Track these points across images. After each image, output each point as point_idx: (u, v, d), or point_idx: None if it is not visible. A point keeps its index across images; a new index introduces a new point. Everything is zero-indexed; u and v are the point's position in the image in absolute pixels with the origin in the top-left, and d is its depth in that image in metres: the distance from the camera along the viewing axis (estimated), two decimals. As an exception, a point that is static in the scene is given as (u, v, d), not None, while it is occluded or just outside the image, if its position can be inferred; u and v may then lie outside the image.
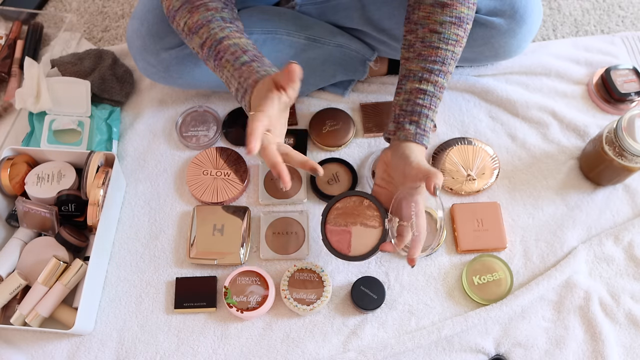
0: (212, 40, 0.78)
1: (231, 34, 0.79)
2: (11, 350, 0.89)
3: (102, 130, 1.05)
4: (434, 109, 0.82)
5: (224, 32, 0.78)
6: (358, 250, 0.85)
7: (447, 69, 0.82)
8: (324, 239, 0.87)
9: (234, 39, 0.78)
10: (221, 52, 0.78)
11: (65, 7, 1.30)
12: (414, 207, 0.79)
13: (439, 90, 0.82)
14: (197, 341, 0.90)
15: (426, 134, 0.82)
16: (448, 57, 0.81)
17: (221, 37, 0.78)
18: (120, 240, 0.98)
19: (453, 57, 0.82)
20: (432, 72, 0.81)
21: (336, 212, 0.88)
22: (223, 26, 0.79)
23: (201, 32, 0.79)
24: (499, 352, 0.88)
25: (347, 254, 0.85)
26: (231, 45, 0.78)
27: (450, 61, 0.82)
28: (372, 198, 0.87)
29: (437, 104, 0.82)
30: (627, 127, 0.87)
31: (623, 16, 1.22)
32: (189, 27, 0.80)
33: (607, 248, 0.95)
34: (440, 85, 0.82)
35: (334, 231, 0.87)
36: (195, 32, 0.79)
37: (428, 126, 0.82)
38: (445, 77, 0.82)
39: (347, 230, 0.86)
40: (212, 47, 0.78)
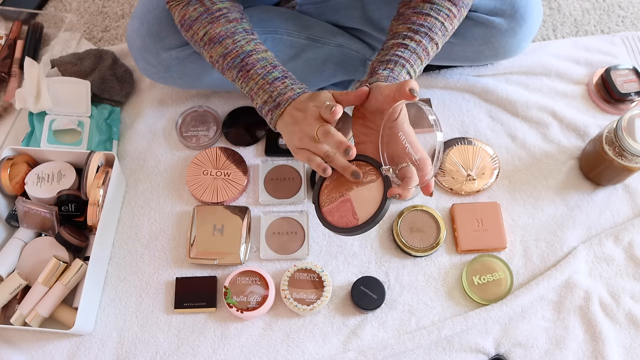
0: (239, 52, 0.80)
1: (257, 47, 0.81)
2: (11, 350, 0.89)
3: (102, 130, 1.05)
4: (413, 64, 0.78)
5: (250, 46, 0.80)
6: (366, 212, 0.73)
7: (434, 36, 0.79)
8: (324, 223, 0.76)
9: (262, 53, 0.80)
10: (249, 64, 0.79)
11: (65, 7, 1.30)
12: (404, 139, 0.73)
13: (422, 52, 0.79)
14: (197, 341, 0.90)
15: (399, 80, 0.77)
16: (436, 26, 0.79)
17: (249, 51, 0.80)
18: (120, 240, 0.98)
19: (442, 30, 0.79)
20: (418, 32, 0.78)
21: (327, 191, 0.77)
22: (248, 39, 0.81)
23: (226, 42, 0.80)
24: (499, 352, 0.88)
25: (356, 224, 0.73)
26: (260, 59, 0.80)
27: (438, 32, 0.79)
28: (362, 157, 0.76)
29: (416, 62, 0.78)
30: (627, 127, 0.87)
31: (623, 16, 1.22)
32: (210, 38, 0.81)
33: (607, 248, 0.95)
34: (423, 47, 0.78)
35: (332, 209, 0.75)
36: (219, 42, 0.80)
37: (402, 76, 0.77)
38: (430, 42, 0.79)
39: (346, 199, 0.75)
40: (239, 58, 0.79)
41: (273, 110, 0.78)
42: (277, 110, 0.78)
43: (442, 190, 1.01)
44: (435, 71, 1.11)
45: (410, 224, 0.96)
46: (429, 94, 1.10)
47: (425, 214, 0.97)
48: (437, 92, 1.10)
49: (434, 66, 1.11)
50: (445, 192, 1.01)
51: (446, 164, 1.02)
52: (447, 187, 1.00)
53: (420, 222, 0.96)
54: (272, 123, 0.79)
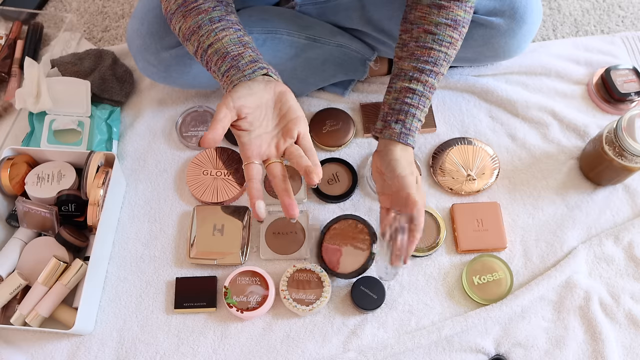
0: (201, 50, 0.77)
1: (216, 37, 0.76)
2: (11, 350, 0.89)
3: (102, 130, 1.05)
4: (422, 108, 0.83)
5: (210, 39, 0.76)
6: (345, 268, 0.93)
7: (438, 70, 0.82)
8: (317, 254, 0.95)
9: (217, 44, 0.75)
10: (209, 62, 0.77)
11: (65, 7, 1.30)
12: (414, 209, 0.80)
13: (429, 90, 0.82)
14: (197, 341, 0.90)
15: (411, 134, 0.82)
16: (441, 58, 0.82)
17: (207, 45, 0.76)
18: (120, 240, 0.98)
19: (446, 59, 0.82)
20: (423, 71, 0.81)
21: (333, 232, 0.96)
22: (210, 29, 0.76)
23: (192, 39, 0.77)
24: (499, 352, 0.88)
25: (334, 271, 0.93)
26: (214, 52, 0.75)
27: (443, 62, 0.82)
28: (365, 222, 0.95)
29: (425, 104, 0.83)
30: (627, 127, 0.87)
31: (623, 16, 1.22)
32: (183, 33, 0.79)
33: (607, 248, 0.95)
34: (430, 85, 0.82)
35: (327, 249, 0.95)
36: (188, 39, 0.78)
37: (415, 126, 0.82)
38: (436, 77, 0.82)
39: (339, 249, 0.94)
40: (202, 56, 0.77)
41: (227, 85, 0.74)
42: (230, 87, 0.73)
43: (442, 190, 1.01)
44: (435, 71, 1.11)
45: (410, 224, 0.96)
46: (429, 94, 1.10)
47: (425, 214, 0.97)
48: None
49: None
50: (445, 192, 1.01)
51: (446, 164, 1.02)
52: (447, 187, 1.00)
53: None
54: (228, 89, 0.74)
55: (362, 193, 1.01)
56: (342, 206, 1.00)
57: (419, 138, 1.06)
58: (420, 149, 1.04)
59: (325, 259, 0.94)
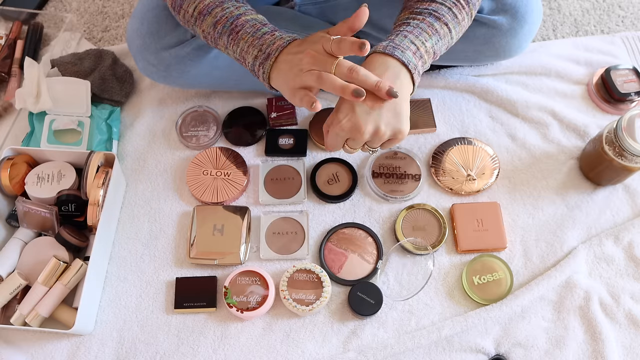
0: (228, 17, 0.76)
1: (247, 11, 0.78)
2: (11, 350, 0.89)
3: (102, 130, 1.05)
4: (418, 36, 0.74)
5: (240, 10, 0.77)
6: (346, 275, 0.93)
7: (440, 16, 0.75)
8: (320, 252, 0.95)
9: (252, 15, 0.77)
10: (239, 26, 0.76)
11: (65, 7, 1.30)
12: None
13: (429, 27, 0.75)
14: (197, 341, 0.90)
15: (400, 47, 0.73)
16: (443, 9, 0.75)
17: (238, 14, 0.77)
18: (120, 240, 0.98)
19: (450, 14, 0.76)
20: (421, 13, 0.75)
21: (341, 235, 0.96)
22: (238, 5, 0.78)
23: (215, 12, 0.77)
24: (499, 352, 0.88)
25: (334, 274, 0.93)
26: (249, 20, 0.76)
27: (446, 14, 0.75)
28: (376, 237, 0.95)
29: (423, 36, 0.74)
30: (627, 127, 0.87)
31: (623, 16, 1.22)
32: (200, 11, 0.78)
33: (607, 248, 0.95)
34: (428, 23, 0.75)
35: (332, 250, 0.95)
36: (208, 12, 0.77)
37: (405, 44, 0.73)
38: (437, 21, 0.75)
39: (345, 255, 0.95)
40: (228, 22, 0.76)
41: (264, 63, 0.74)
42: (268, 61, 0.74)
43: (442, 190, 1.01)
44: (435, 71, 1.11)
45: (412, 222, 0.96)
46: (429, 94, 1.10)
47: (427, 212, 0.97)
48: (437, 92, 1.10)
49: (434, 66, 1.11)
50: (445, 192, 1.01)
51: (446, 164, 1.02)
52: (447, 187, 1.00)
53: (423, 221, 0.97)
54: (265, 76, 0.75)
55: (362, 193, 1.01)
56: (342, 206, 1.00)
57: (419, 138, 1.06)
58: (420, 149, 1.04)
59: (327, 259, 0.94)
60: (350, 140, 0.75)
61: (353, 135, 0.73)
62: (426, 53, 0.75)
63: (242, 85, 1.06)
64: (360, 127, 0.71)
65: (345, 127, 0.72)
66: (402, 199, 0.99)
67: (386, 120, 0.72)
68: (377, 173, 1.01)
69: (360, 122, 0.71)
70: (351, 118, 0.72)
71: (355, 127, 0.72)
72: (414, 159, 1.02)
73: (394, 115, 0.73)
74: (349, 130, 0.72)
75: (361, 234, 0.96)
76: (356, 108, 0.71)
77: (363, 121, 0.71)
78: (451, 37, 0.78)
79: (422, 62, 0.75)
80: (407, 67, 0.73)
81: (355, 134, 0.72)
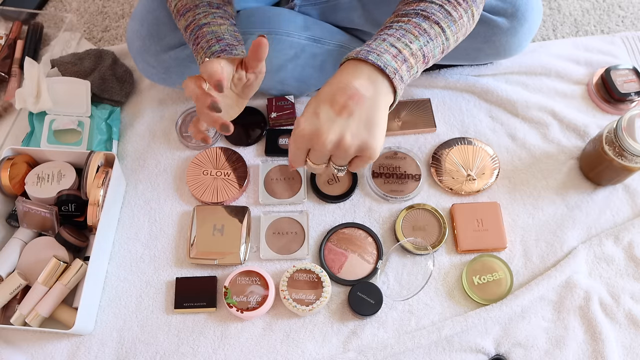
0: (195, 25, 0.77)
1: (214, 20, 0.78)
2: (11, 350, 0.89)
3: (102, 130, 1.05)
4: (401, 38, 0.65)
5: (207, 19, 0.78)
6: (346, 274, 0.93)
7: (429, 15, 0.67)
8: (320, 252, 0.94)
9: (214, 26, 0.77)
10: (199, 37, 0.76)
11: (65, 7, 1.30)
12: None
13: (415, 28, 0.66)
14: (197, 341, 0.90)
15: (376, 51, 0.64)
16: (433, 8, 0.67)
17: (203, 23, 0.77)
18: (120, 240, 0.98)
19: (442, 12, 0.68)
20: (407, 14, 0.68)
21: (341, 235, 0.96)
22: (208, 12, 0.78)
23: (187, 15, 0.78)
24: (499, 352, 0.88)
25: (334, 274, 0.93)
26: (208, 32, 0.76)
27: (437, 12, 0.67)
28: (376, 237, 0.95)
29: (407, 37, 0.66)
30: (627, 127, 0.87)
31: (623, 16, 1.22)
32: (178, 9, 0.79)
33: (607, 248, 0.95)
34: (415, 24, 0.66)
35: (332, 249, 0.95)
36: (183, 14, 0.79)
37: (382, 47, 0.64)
38: (426, 21, 0.67)
39: (345, 255, 0.94)
40: (194, 31, 0.77)
41: None
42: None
43: (442, 190, 1.01)
44: (435, 71, 1.11)
45: (412, 222, 0.96)
46: (429, 94, 1.10)
47: (427, 212, 0.97)
48: (437, 92, 1.10)
49: (433, 65, 1.11)
50: (445, 192, 1.01)
51: (446, 164, 1.02)
52: (447, 187, 1.00)
53: (423, 221, 0.97)
54: None
55: (362, 193, 1.01)
56: (341, 206, 1.00)
57: (419, 138, 1.06)
58: (420, 149, 1.04)
59: (327, 259, 0.94)
60: (312, 151, 0.65)
61: (313, 144, 0.63)
62: (412, 56, 0.66)
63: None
64: (322, 133, 0.61)
65: (305, 131, 0.63)
66: (402, 199, 0.99)
67: (354, 130, 0.62)
68: (377, 173, 1.01)
69: (322, 129, 0.61)
70: (313, 123, 0.62)
71: (316, 132, 0.62)
72: (414, 159, 1.02)
73: (365, 126, 0.62)
74: (309, 136, 0.63)
75: (361, 234, 0.96)
76: (320, 112, 0.62)
77: (325, 127, 0.61)
78: (446, 37, 0.70)
79: (407, 66, 0.66)
80: (384, 71, 0.63)
81: (316, 142, 0.63)
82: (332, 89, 0.62)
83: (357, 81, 0.62)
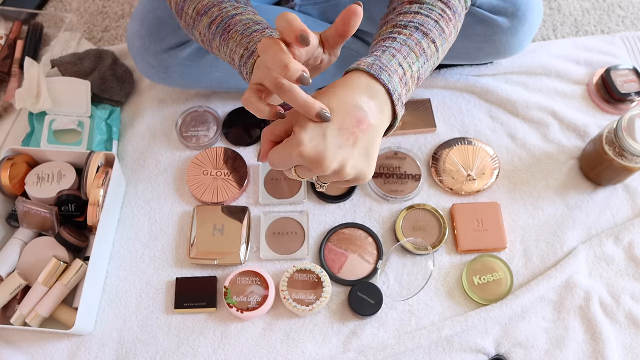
0: (223, 17, 0.69)
1: (245, 11, 0.71)
2: (11, 350, 0.89)
3: (102, 130, 1.05)
4: (407, 56, 0.63)
5: (238, 10, 0.71)
6: (346, 274, 0.93)
7: (427, 32, 0.65)
8: (320, 252, 0.95)
9: (248, 15, 0.70)
10: (231, 25, 0.69)
11: (65, 7, 1.30)
12: None
13: (416, 46, 0.63)
14: (197, 341, 0.90)
15: (388, 69, 0.60)
16: (429, 23, 0.65)
17: (234, 14, 0.70)
18: (120, 240, 0.98)
19: (437, 29, 0.66)
20: (406, 27, 0.65)
21: (341, 235, 0.96)
22: (236, 5, 0.72)
23: (211, 11, 0.71)
24: (499, 352, 0.88)
25: (333, 274, 0.93)
26: (244, 19, 0.69)
27: (433, 29, 0.65)
28: (376, 237, 0.95)
29: (411, 57, 0.63)
30: (627, 127, 0.87)
31: (623, 16, 1.22)
32: (198, 11, 0.71)
33: (607, 248, 0.95)
34: (416, 41, 0.64)
35: (332, 250, 0.95)
36: (205, 12, 0.71)
37: (392, 65, 0.61)
38: (425, 38, 0.64)
39: (345, 255, 0.95)
40: (222, 22, 0.69)
41: (247, 61, 0.65)
42: (251, 59, 0.64)
43: (442, 190, 1.01)
44: (435, 71, 1.11)
45: (412, 222, 0.96)
46: (429, 94, 1.10)
47: (427, 212, 0.97)
48: (437, 92, 1.10)
49: (434, 66, 1.11)
50: (445, 192, 1.01)
51: (446, 164, 1.02)
52: (447, 187, 1.00)
53: (423, 221, 0.97)
54: (247, 76, 0.66)
55: (362, 193, 1.01)
56: (342, 206, 1.00)
57: (419, 138, 1.06)
58: (420, 149, 1.04)
59: (327, 259, 0.94)
60: (303, 168, 0.59)
61: (312, 167, 0.57)
62: (411, 78, 0.64)
63: (242, 85, 1.06)
64: (325, 160, 0.56)
65: (306, 154, 0.55)
66: (402, 199, 0.99)
67: (355, 161, 0.58)
68: (377, 173, 1.01)
69: (326, 155, 0.55)
70: (317, 145, 0.55)
71: (319, 159, 0.56)
72: (414, 159, 1.02)
73: (365, 158, 0.59)
74: (310, 160, 0.56)
75: (361, 234, 0.96)
76: (327, 135, 0.56)
77: (331, 154, 0.56)
78: (437, 58, 0.67)
79: (405, 90, 0.63)
80: (391, 96, 0.60)
81: (316, 166, 0.56)
82: (342, 110, 0.57)
83: (367, 104, 0.58)
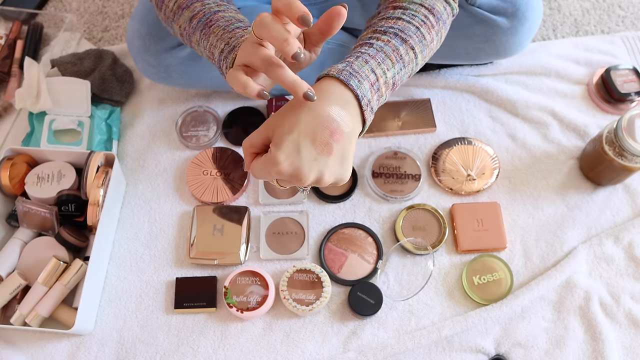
0: (205, 12, 0.69)
1: (228, 9, 0.71)
2: (11, 350, 0.89)
3: (102, 130, 1.05)
4: (381, 63, 0.62)
5: (220, 7, 0.70)
6: (346, 274, 0.93)
7: (407, 38, 0.64)
8: (320, 252, 0.95)
9: (230, 13, 0.70)
10: (213, 20, 0.68)
11: (65, 7, 1.30)
12: None
13: (393, 53, 0.63)
14: (197, 341, 0.90)
15: (358, 75, 0.60)
16: (410, 29, 0.65)
17: (217, 10, 0.69)
18: (120, 240, 0.98)
19: (418, 35, 0.65)
20: (385, 33, 0.64)
21: (341, 235, 0.96)
22: (219, 3, 0.72)
23: (194, 6, 0.70)
24: (499, 352, 0.88)
25: (334, 274, 0.93)
26: (226, 16, 0.69)
27: (413, 35, 0.65)
28: (376, 237, 0.95)
29: (386, 63, 0.63)
30: (627, 127, 0.87)
31: (623, 16, 1.22)
32: (179, 5, 0.71)
33: (607, 248, 0.95)
34: (393, 47, 0.63)
35: (332, 249, 0.95)
36: (187, 6, 0.70)
37: (364, 72, 0.61)
38: (403, 44, 0.64)
39: (345, 255, 0.95)
40: (204, 17, 0.69)
41: (227, 56, 0.65)
42: (232, 54, 0.64)
43: (442, 190, 1.01)
44: (435, 71, 1.11)
45: (412, 222, 0.96)
46: (429, 94, 1.10)
47: (427, 212, 0.97)
48: (437, 92, 1.10)
49: (434, 65, 1.11)
50: (445, 192, 1.01)
51: (446, 164, 1.02)
52: (447, 187, 1.00)
53: (423, 221, 0.97)
54: (226, 71, 0.65)
55: (362, 193, 1.01)
56: (342, 206, 1.00)
57: (419, 138, 1.06)
58: (421, 149, 1.04)
59: (327, 259, 0.94)
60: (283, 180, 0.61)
61: (290, 181, 0.59)
62: (384, 84, 0.63)
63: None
64: (302, 175, 0.58)
65: (284, 171, 0.57)
66: (402, 199, 0.99)
67: (332, 169, 0.59)
68: (377, 173, 1.01)
69: (302, 170, 0.57)
70: (294, 162, 0.57)
71: (296, 174, 0.57)
72: (414, 159, 1.02)
73: (340, 163, 0.60)
74: (289, 176, 0.58)
75: (361, 234, 0.96)
76: (302, 150, 0.57)
77: (307, 168, 0.57)
78: (416, 64, 0.67)
79: (377, 96, 0.63)
80: (360, 102, 0.60)
81: (295, 181, 0.59)
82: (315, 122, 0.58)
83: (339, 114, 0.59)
